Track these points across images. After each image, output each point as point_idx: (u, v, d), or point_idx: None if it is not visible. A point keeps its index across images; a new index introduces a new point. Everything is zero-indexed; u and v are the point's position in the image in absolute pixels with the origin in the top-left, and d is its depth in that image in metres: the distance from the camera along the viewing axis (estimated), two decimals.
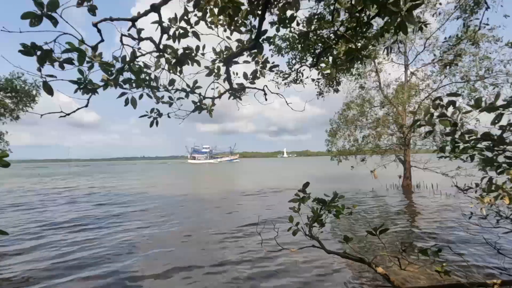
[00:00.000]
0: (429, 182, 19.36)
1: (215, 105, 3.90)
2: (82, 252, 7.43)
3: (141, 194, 20.01)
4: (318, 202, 3.20)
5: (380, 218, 10.83)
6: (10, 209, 14.28)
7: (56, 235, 9.25)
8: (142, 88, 2.93)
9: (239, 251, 7.29)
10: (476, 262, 6.30)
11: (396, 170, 19.69)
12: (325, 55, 5.83)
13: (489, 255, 6.55)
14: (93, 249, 7.66)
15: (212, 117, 3.94)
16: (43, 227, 10.26)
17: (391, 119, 19.02)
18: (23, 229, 9.98)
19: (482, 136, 2.63)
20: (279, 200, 15.36)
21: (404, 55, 18.50)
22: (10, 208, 14.71)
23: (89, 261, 6.78)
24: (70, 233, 9.47)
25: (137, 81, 2.86)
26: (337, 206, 3.16)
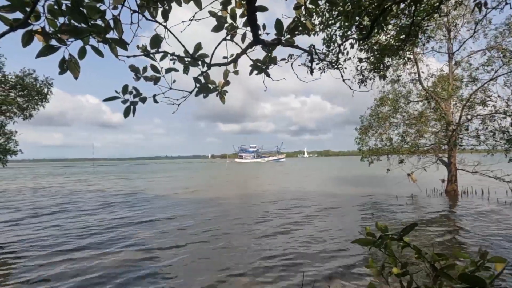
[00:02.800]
0: (479, 188, 16.90)
1: (228, 83, 2.48)
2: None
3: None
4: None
5: (424, 234, 8.95)
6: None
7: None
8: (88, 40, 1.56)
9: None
10: None
11: (436, 173, 17.39)
12: (382, 21, 4.24)
13: None
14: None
15: (224, 102, 2.54)
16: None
17: (434, 115, 16.72)
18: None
19: None
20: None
21: (448, 42, 16.18)
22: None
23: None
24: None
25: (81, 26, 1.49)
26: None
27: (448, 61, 16.64)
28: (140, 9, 1.66)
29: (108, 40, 1.65)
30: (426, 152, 17.39)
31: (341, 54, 5.33)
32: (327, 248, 7.61)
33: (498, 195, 15.03)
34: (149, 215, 12.42)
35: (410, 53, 12.34)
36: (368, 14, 4.30)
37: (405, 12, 5.94)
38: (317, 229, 9.60)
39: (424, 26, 7.27)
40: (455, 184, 16.44)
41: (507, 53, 13.12)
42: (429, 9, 6.08)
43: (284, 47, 2.11)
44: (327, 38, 5.70)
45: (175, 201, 16.54)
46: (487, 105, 14.29)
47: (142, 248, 7.88)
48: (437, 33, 16.16)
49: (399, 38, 6.38)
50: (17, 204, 16.29)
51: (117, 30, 1.61)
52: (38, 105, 12.73)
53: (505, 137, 13.56)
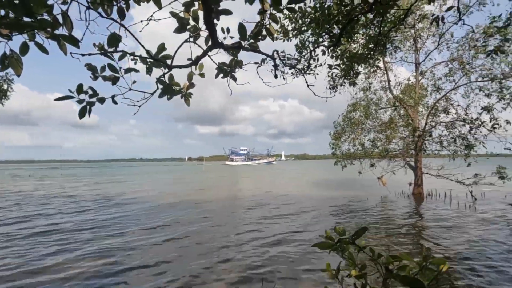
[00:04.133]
0: (442, 191, 17.95)
1: (193, 86, 2.44)
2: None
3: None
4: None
5: (394, 235, 9.35)
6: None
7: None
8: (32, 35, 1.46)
9: None
10: None
11: (405, 177, 18.28)
12: (350, 30, 4.40)
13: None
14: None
15: (189, 105, 2.50)
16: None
17: (402, 122, 17.60)
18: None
19: None
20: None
21: (415, 53, 17.16)
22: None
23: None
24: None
25: (24, 21, 1.39)
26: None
27: (415, 70, 17.63)
28: (92, 6, 1.58)
29: (56, 37, 1.56)
30: (395, 157, 18.24)
31: (312, 60, 5.46)
32: (292, 251, 7.69)
33: (459, 198, 16.05)
34: (108, 223, 11.91)
35: (379, 61, 12.92)
36: (337, 23, 4.43)
37: (373, 22, 6.22)
38: (286, 232, 9.69)
39: (391, 37, 7.66)
40: (421, 187, 17.36)
41: (466, 66, 14.13)
42: (395, 20, 6.38)
43: (246, 51, 2.11)
44: (300, 44, 5.81)
45: (134, 207, 16.01)
46: (449, 113, 15.28)
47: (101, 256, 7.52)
48: (405, 44, 17.09)
49: (368, 47, 6.67)
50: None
51: (66, 26, 1.53)
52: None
53: (465, 143, 14.56)
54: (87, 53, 1.92)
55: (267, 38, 2.33)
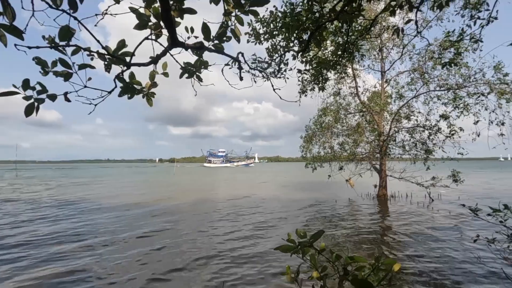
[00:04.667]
0: (404, 192, 19.05)
1: (156, 85, 2.36)
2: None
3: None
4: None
5: (357, 236, 9.74)
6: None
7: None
8: None
9: None
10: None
11: (371, 179, 19.17)
12: (318, 36, 4.53)
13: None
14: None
15: (151, 105, 2.41)
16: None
17: (368, 127, 18.47)
18: None
19: None
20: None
21: (381, 62, 18.12)
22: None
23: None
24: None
25: None
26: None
27: (381, 78, 18.61)
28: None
29: None
30: (362, 160, 19.06)
31: (283, 64, 5.54)
32: (255, 254, 7.69)
33: (419, 199, 17.14)
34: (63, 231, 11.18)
35: (347, 68, 13.47)
36: (305, 29, 4.54)
37: (342, 30, 6.46)
38: (251, 235, 9.72)
39: (358, 45, 8.03)
40: (385, 189, 18.29)
41: (426, 75, 15.18)
42: (362, 30, 6.68)
43: (209, 52, 2.08)
44: (271, 48, 5.87)
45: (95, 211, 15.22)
46: (411, 119, 16.31)
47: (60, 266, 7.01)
48: (372, 52, 17.99)
49: (337, 54, 6.92)
50: None
51: (7, 16, 1.39)
52: None
53: (424, 148, 15.61)
54: (34, 46, 1.77)
55: (246, 40, 2.32)
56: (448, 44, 8.79)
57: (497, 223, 3.94)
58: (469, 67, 12.66)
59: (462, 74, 13.03)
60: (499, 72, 12.43)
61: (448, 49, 9.32)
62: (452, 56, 8.56)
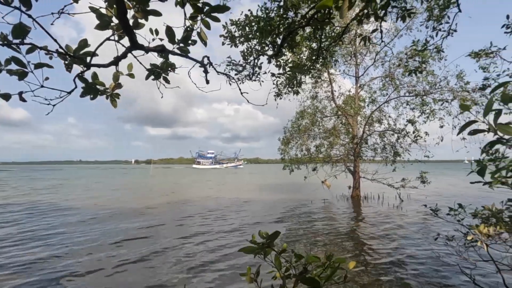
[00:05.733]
0: (376, 193, 19.81)
1: (120, 87, 2.32)
2: None
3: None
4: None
5: (329, 236, 10.03)
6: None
7: None
8: None
9: None
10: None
11: (345, 181, 19.77)
12: (290, 41, 4.64)
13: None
14: None
15: (116, 106, 2.36)
16: None
17: (343, 129, 19.06)
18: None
19: None
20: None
21: (355, 67, 18.80)
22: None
23: None
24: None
25: None
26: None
27: (355, 83, 19.30)
28: None
29: None
30: (337, 162, 19.62)
31: (257, 67, 5.62)
32: (222, 257, 7.71)
33: (390, 199, 17.91)
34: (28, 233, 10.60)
35: (323, 72, 13.87)
36: (278, 34, 4.64)
37: (316, 36, 6.65)
38: (224, 236, 9.71)
39: (332, 50, 8.29)
40: (358, 190, 18.94)
41: (396, 81, 15.95)
42: (335, 36, 6.90)
43: (173, 55, 2.08)
44: (246, 51, 5.93)
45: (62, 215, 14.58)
46: (382, 123, 17.05)
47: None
48: (347, 58, 18.62)
49: (311, 59, 7.11)
50: None
51: None
52: None
53: (393, 150, 16.37)
54: None
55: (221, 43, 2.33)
56: (414, 52, 9.34)
57: (456, 221, 4.23)
58: (435, 75, 13.51)
59: (429, 81, 13.86)
60: (461, 80, 13.36)
61: (414, 57, 9.91)
62: (418, 64, 9.10)
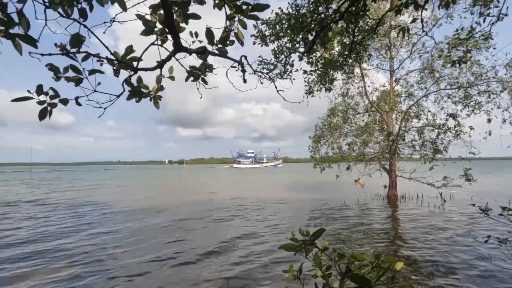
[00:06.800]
0: (415, 193, 18.74)
1: (163, 89, 2.43)
2: None
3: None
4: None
5: (366, 237, 9.64)
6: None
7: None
8: None
9: None
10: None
11: (380, 180, 18.93)
12: (323, 37, 4.54)
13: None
14: None
15: (158, 108, 2.48)
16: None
17: (377, 127, 18.27)
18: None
19: None
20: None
21: (390, 61, 17.91)
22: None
23: None
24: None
25: None
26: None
27: (390, 77, 18.39)
28: (51, 6, 1.55)
29: (12, 36, 1.51)
30: (371, 160, 18.85)
31: (288, 65, 5.57)
32: (263, 253, 7.73)
33: (430, 199, 16.82)
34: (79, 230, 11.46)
35: (355, 68, 13.37)
36: (310, 30, 4.56)
37: (348, 30, 6.43)
38: (260, 234, 9.74)
39: (365, 45, 7.97)
40: (395, 189, 18.03)
41: (436, 74, 14.93)
42: (368, 29, 6.64)
43: (213, 56, 2.14)
44: (276, 50, 5.91)
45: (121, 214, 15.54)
46: (420, 118, 16.07)
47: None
48: (381, 51, 17.80)
49: (343, 54, 6.90)
50: None
51: (22, 25, 1.49)
52: None
53: (433, 147, 15.35)
54: (47, 53, 1.86)
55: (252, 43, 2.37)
56: (458, 42, 8.65)
57: (509, 222, 3.86)
58: (481, 65, 12.40)
59: (473, 72, 12.77)
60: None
61: (457, 47, 9.18)
62: (462, 54, 8.39)
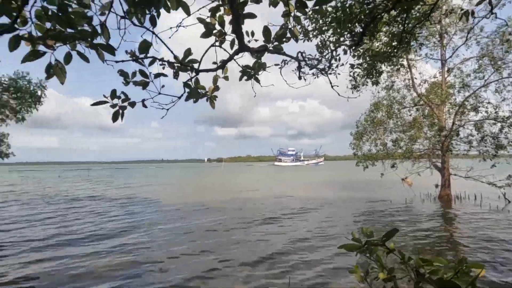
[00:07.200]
0: (472, 193, 17.03)
1: (218, 89, 2.50)
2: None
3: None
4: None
5: (419, 239, 8.98)
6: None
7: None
8: (74, 45, 1.57)
9: None
10: None
11: (430, 178, 17.52)
12: (373, 29, 4.32)
13: None
14: None
15: (214, 107, 2.56)
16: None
17: (426, 121, 16.92)
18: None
19: None
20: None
21: (441, 49, 16.44)
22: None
23: None
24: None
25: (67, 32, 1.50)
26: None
27: (441, 67, 16.89)
28: (128, 15, 1.67)
29: (95, 46, 1.66)
30: (420, 157, 17.54)
31: (334, 60, 5.39)
32: (315, 252, 7.62)
33: (491, 201, 15.17)
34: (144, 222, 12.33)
35: (403, 59, 12.49)
36: (359, 22, 4.36)
37: (397, 19, 6.03)
38: (308, 234, 9.59)
39: (416, 33, 7.40)
40: (448, 189, 16.56)
41: (497, 61, 13.37)
42: (421, 16, 6.16)
43: (271, 54, 2.14)
44: (320, 45, 5.76)
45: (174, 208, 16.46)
46: (479, 111, 14.52)
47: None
48: (430, 40, 16.41)
49: (392, 45, 6.48)
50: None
51: (104, 36, 1.63)
52: (31, 107, 12.63)
53: (495, 143, 13.77)
54: (120, 60, 2.02)
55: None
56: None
57: None
58: None
59: None
60: None
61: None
62: None
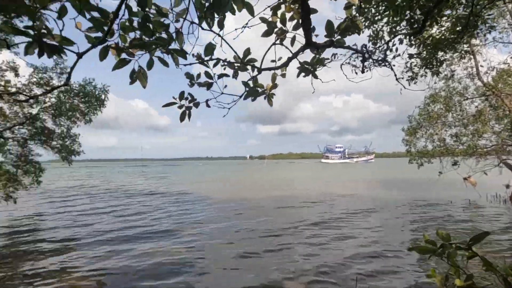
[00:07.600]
0: None
1: (276, 86, 2.52)
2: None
3: None
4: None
5: (484, 246, 8.04)
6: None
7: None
8: (153, 52, 1.71)
9: None
10: None
11: (500, 177, 15.52)
12: (437, 14, 3.96)
13: None
14: None
15: (271, 105, 2.60)
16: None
17: (495, 114, 15.01)
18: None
19: None
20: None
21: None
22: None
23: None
24: None
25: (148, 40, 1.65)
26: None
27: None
28: (199, 21, 1.77)
29: (170, 51, 1.80)
30: (486, 154, 15.64)
31: (389, 51, 5.06)
32: (377, 255, 7.32)
33: None
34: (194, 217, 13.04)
35: (467, 45, 11.21)
36: (420, 7, 4.03)
37: (461, 1, 5.44)
38: (368, 237, 9.22)
39: (484, 15, 6.59)
40: None
41: None
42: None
43: (335, 48, 2.09)
44: (373, 35, 5.45)
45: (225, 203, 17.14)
46: None
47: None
48: (500, 21, 14.47)
49: (455, 30, 5.87)
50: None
51: (179, 41, 1.75)
52: (97, 110, 14.08)
53: None
54: (188, 63, 2.15)
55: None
56: None
57: None
58: None
59: None
60: None
61: None
62: None
